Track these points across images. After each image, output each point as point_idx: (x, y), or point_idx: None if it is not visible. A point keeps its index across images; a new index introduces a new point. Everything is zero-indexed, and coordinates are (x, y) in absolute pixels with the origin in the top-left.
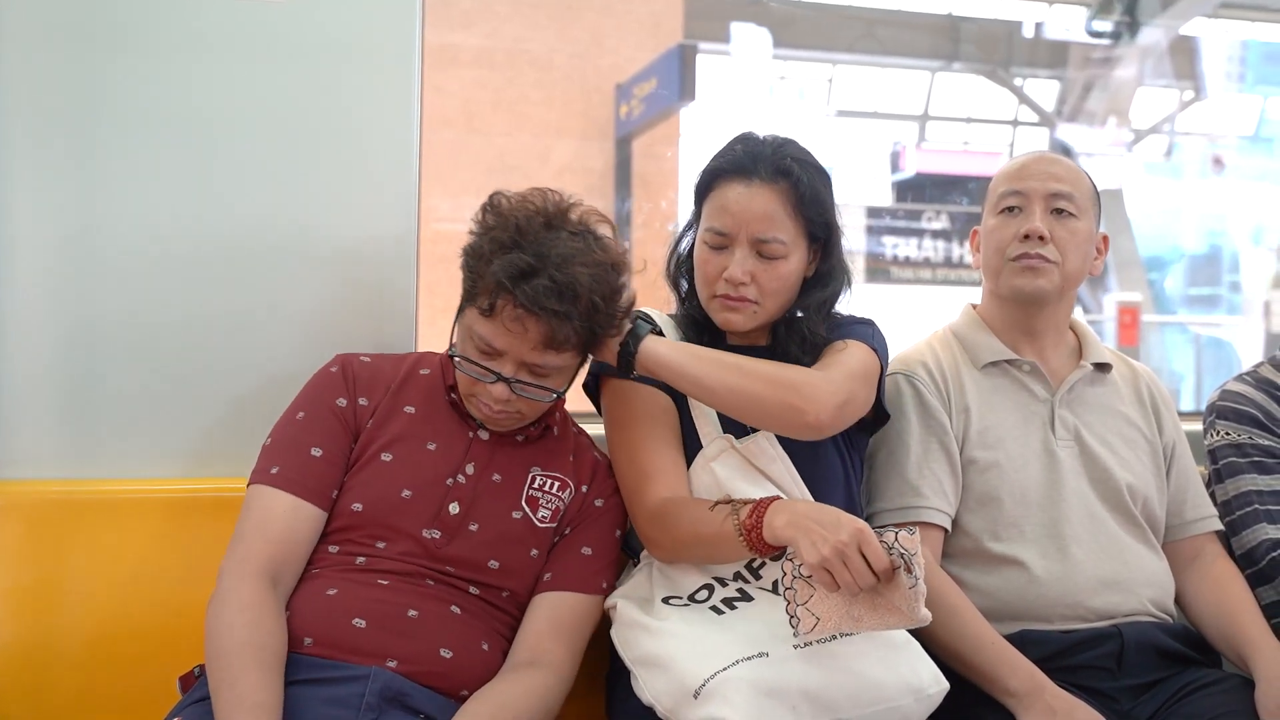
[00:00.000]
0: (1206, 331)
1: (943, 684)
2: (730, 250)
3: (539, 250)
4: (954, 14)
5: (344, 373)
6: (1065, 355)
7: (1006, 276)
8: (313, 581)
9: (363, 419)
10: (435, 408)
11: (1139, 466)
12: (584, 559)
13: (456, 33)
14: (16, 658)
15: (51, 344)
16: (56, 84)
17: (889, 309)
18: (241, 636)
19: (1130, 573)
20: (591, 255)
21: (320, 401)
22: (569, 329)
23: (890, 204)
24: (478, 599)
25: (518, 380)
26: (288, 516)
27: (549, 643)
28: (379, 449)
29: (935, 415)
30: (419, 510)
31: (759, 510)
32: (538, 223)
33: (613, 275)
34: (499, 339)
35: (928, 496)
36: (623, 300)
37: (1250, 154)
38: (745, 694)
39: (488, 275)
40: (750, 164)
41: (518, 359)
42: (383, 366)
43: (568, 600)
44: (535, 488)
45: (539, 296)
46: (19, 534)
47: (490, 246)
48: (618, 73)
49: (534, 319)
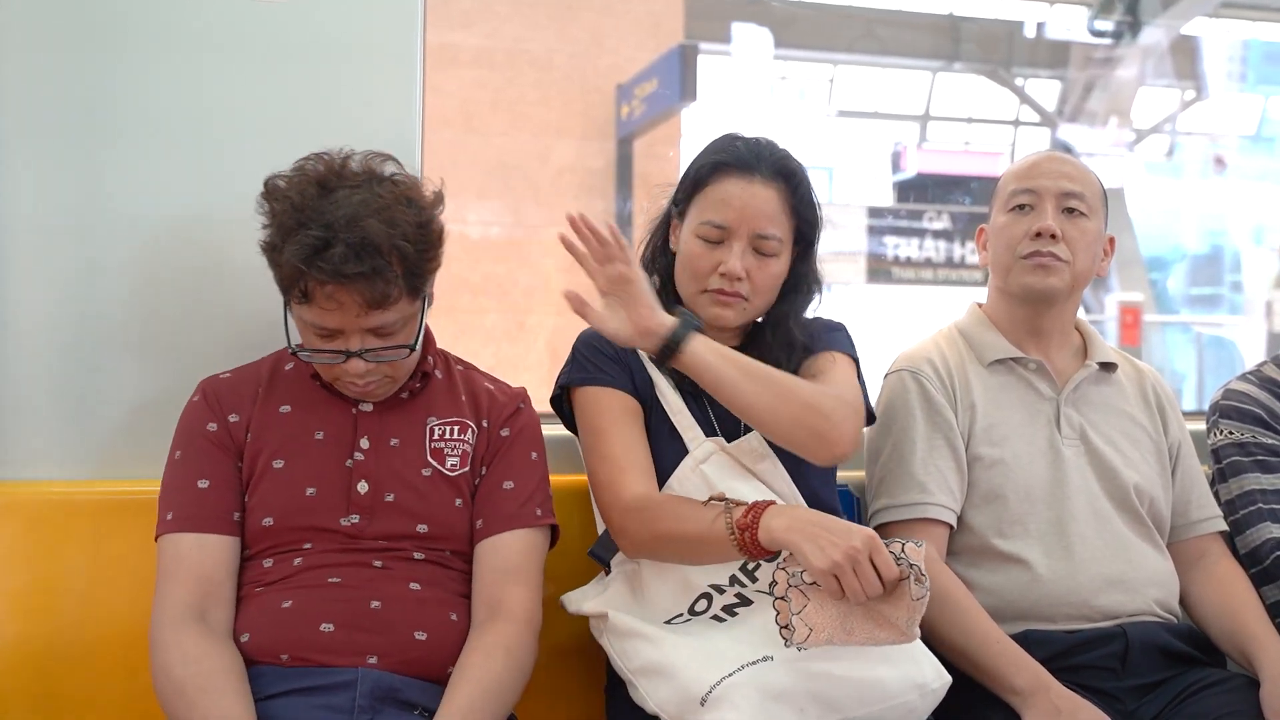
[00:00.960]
0: (1208, 331)
1: (945, 678)
2: (727, 245)
3: (323, 219)
4: (955, 14)
5: (206, 398)
6: (1071, 355)
7: (1017, 274)
8: (263, 598)
9: (239, 435)
10: (310, 397)
11: (1145, 466)
12: (509, 494)
13: (456, 32)
14: (17, 659)
15: (52, 345)
16: (57, 83)
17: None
18: (192, 694)
19: (1135, 572)
20: (379, 201)
21: (192, 433)
22: (386, 283)
23: (891, 204)
24: (427, 564)
25: (367, 350)
26: (195, 554)
27: (502, 590)
28: (268, 458)
29: (941, 412)
30: (329, 502)
31: (755, 511)
32: (313, 192)
33: (410, 211)
34: (327, 319)
35: (934, 493)
36: (433, 228)
37: (1251, 154)
38: (753, 699)
39: (285, 263)
40: (753, 160)
41: (355, 330)
42: (244, 376)
43: (507, 541)
44: (436, 438)
45: (340, 266)
46: (19, 535)
47: (279, 235)
48: (618, 73)
49: (346, 289)
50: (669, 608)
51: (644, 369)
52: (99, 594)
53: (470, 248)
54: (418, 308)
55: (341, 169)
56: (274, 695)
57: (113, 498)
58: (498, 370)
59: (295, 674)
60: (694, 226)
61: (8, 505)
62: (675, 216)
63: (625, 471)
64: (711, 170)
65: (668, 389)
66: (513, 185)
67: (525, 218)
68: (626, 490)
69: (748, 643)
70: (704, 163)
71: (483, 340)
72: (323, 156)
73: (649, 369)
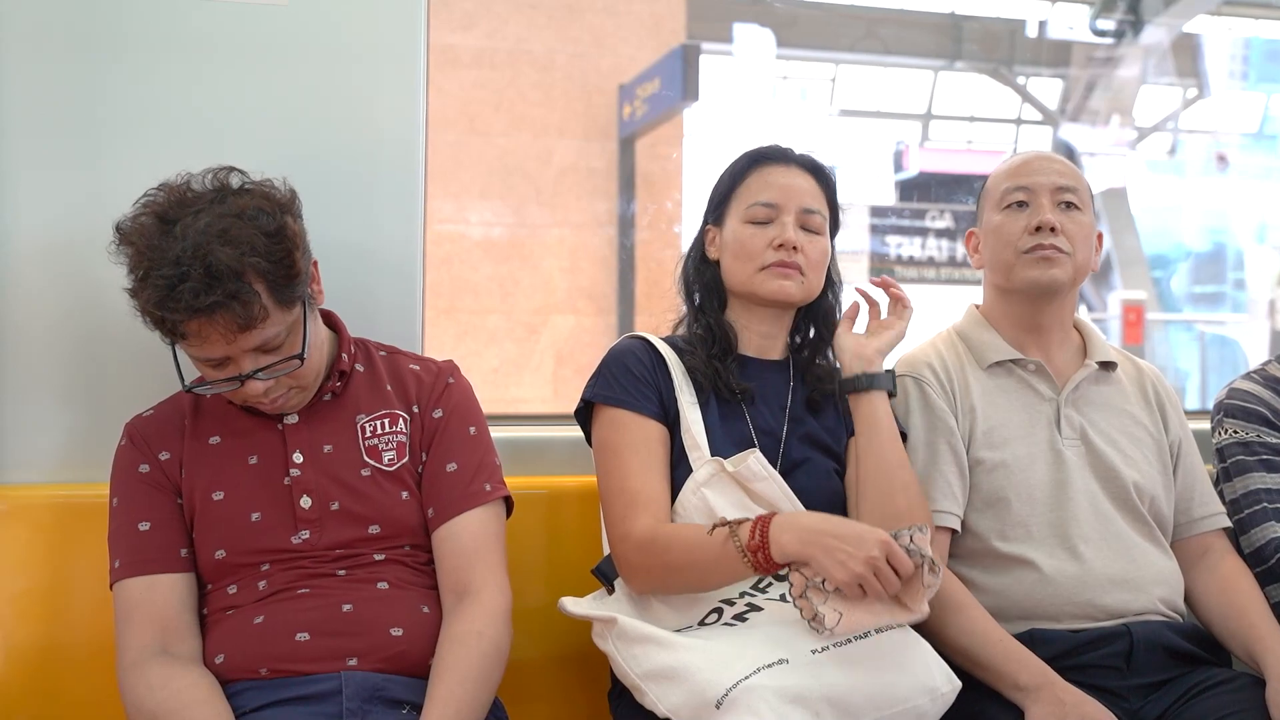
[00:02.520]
0: (1211, 329)
1: (955, 682)
2: (778, 222)
3: (168, 256)
4: (956, 13)
5: (133, 440)
6: (1070, 354)
7: (1020, 269)
8: (234, 619)
9: (173, 472)
10: (235, 422)
11: (1146, 465)
12: (454, 476)
13: (457, 34)
14: (20, 662)
15: (57, 350)
16: (60, 87)
17: None
18: (170, 707)
19: (1139, 570)
20: (221, 223)
21: (126, 479)
22: (248, 304)
23: (894, 203)
24: (390, 564)
25: (259, 370)
26: (147, 596)
27: (468, 574)
28: (205, 491)
29: (941, 416)
30: (276, 524)
31: (761, 528)
32: (154, 230)
33: (257, 223)
34: (207, 350)
35: (936, 499)
36: (287, 234)
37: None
38: (770, 702)
39: (146, 310)
40: (787, 153)
41: (239, 353)
42: (167, 413)
43: (461, 524)
44: (368, 435)
45: (193, 301)
46: (24, 538)
47: (133, 281)
48: (620, 73)
49: (210, 321)
50: (677, 621)
51: (672, 389)
52: (103, 598)
53: (472, 248)
54: (298, 314)
55: (182, 197)
56: (259, 708)
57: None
58: (502, 370)
59: (276, 685)
60: (740, 214)
61: (12, 509)
62: (712, 225)
63: (638, 506)
64: (750, 164)
65: (690, 409)
66: (515, 186)
67: (527, 218)
68: (637, 526)
69: (762, 646)
70: (739, 162)
71: (485, 341)
72: (165, 185)
73: (677, 389)
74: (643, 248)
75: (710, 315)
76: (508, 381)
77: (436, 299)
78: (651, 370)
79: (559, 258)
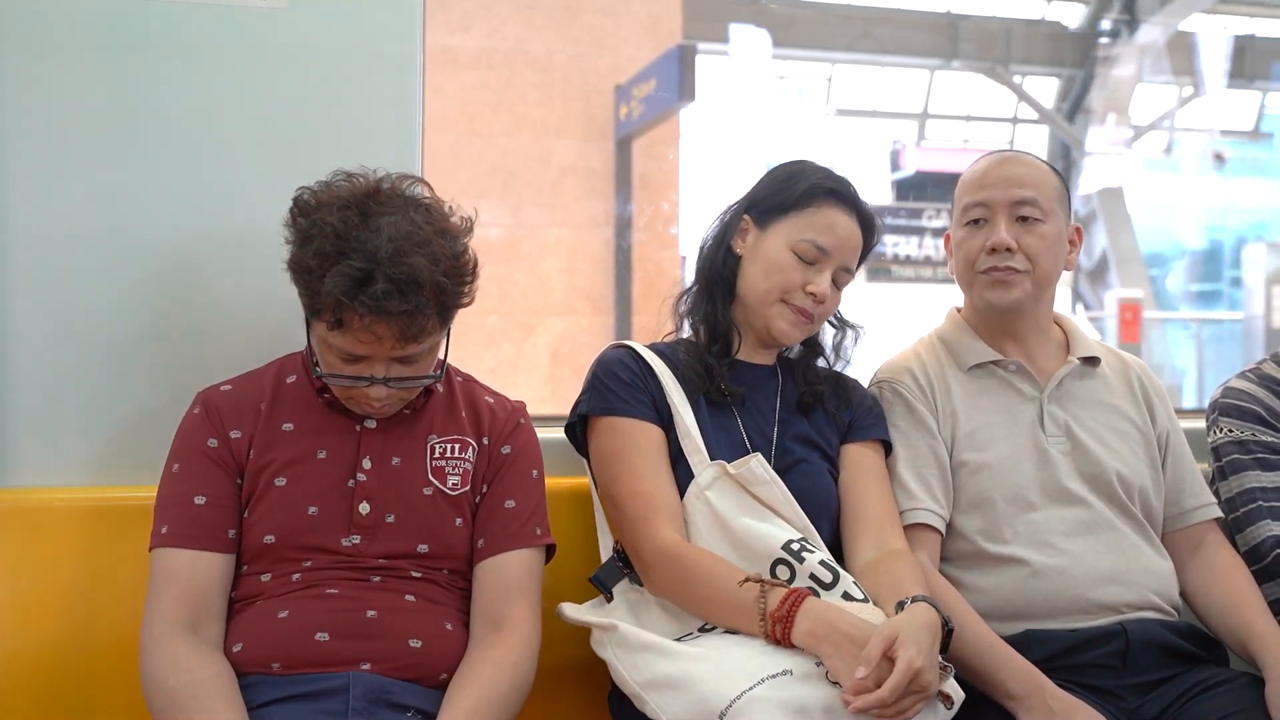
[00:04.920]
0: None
1: (958, 694)
2: (819, 267)
3: (366, 249)
4: (952, 12)
5: (206, 412)
6: (1052, 351)
7: (978, 289)
8: (259, 608)
9: (240, 453)
10: (313, 414)
11: (1132, 458)
12: (510, 514)
13: (455, 35)
14: (16, 666)
15: (55, 351)
16: (62, 91)
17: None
18: (184, 701)
19: (1129, 563)
20: (420, 234)
21: (191, 447)
22: (425, 319)
23: (891, 202)
24: (424, 582)
25: (391, 379)
26: (188, 570)
27: (503, 608)
28: (271, 476)
29: (923, 421)
30: (330, 523)
31: (792, 604)
32: (353, 218)
33: (448, 243)
34: (357, 348)
35: (919, 498)
36: (466, 260)
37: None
38: (774, 714)
39: (324, 292)
40: (855, 199)
41: (384, 358)
42: (246, 391)
43: (509, 560)
44: (437, 457)
45: (383, 301)
46: (20, 542)
47: (316, 261)
48: (617, 73)
49: (384, 322)
50: (676, 628)
51: (663, 393)
52: (99, 601)
53: None
54: (443, 336)
55: (375, 191)
56: (267, 704)
57: (113, 505)
58: (499, 371)
59: (286, 681)
60: (791, 241)
61: (9, 512)
62: (752, 222)
63: (656, 512)
64: (825, 195)
65: (685, 413)
66: (513, 186)
67: (526, 219)
68: (659, 533)
69: (765, 657)
70: (816, 184)
71: (483, 342)
72: (352, 176)
73: (668, 393)
74: (639, 249)
75: (718, 309)
76: (505, 382)
77: None
78: (641, 376)
79: (557, 258)
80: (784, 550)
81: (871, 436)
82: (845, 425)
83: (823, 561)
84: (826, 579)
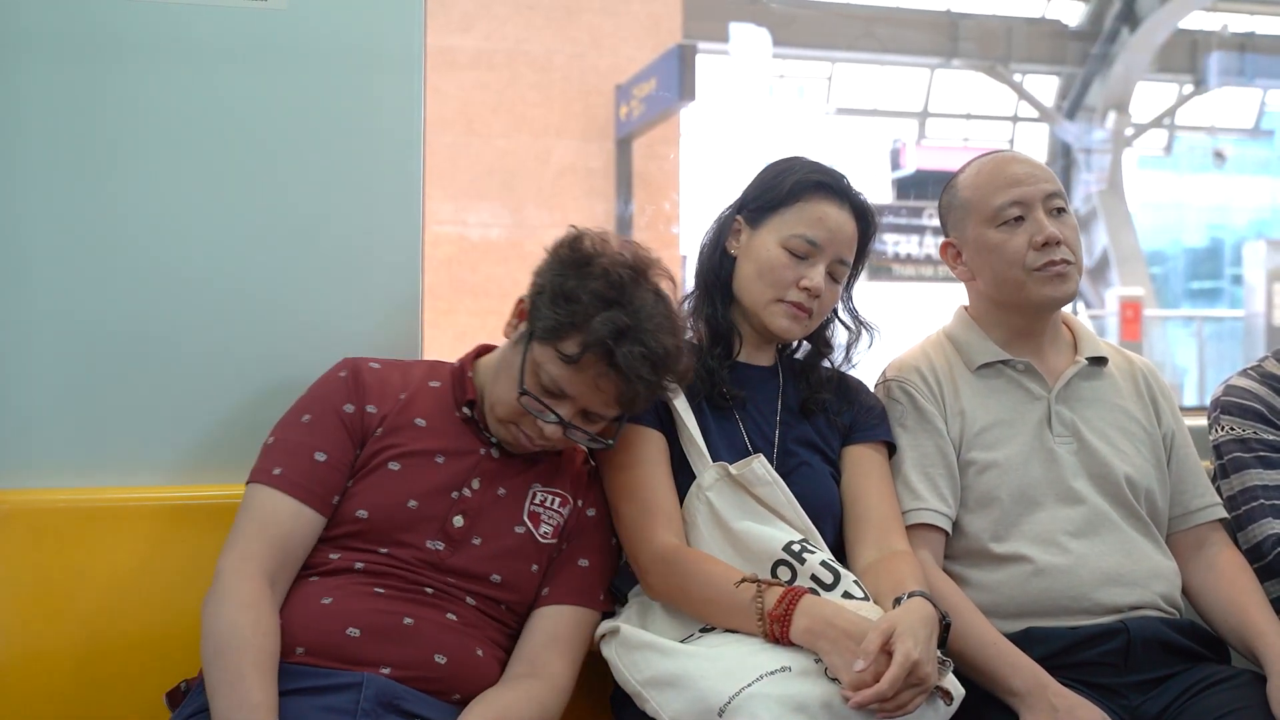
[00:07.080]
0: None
1: (959, 690)
2: (812, 261)
3: (635, 311)
4: (952, 10)
5: (352, 378)
6: (1060, 351)
7: (1034, 287)
8: (307, 588)
9: (370, 426)
10: (446, 421)
11: (1139, 459)
12: (582, 571)
13: (455, 35)
14: (25, 666)
15: (57, 352)
16: (66, 93)
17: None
18: (245, 636)
19: (1135, 565)
20: (672, 322)
21: (327, 405)
22: (646, 394)
23: (891, 201)
24: (474, 609)
25: (574, 427)
26: (290, 520)
27: (547, 655)
28: (387, 458)
29: (930, 420)
30: (424, 521)
31: (789, 603)
32: (629, 278)
33: (683, 341)
34: (573, 387)
35: (926, 498)
36: (683, 355)
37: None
38: (773, 710)
39: (586, 328)
40: (847, 190)
41: (582, 407)
42: (391, 376)
43: (566, 614)
44: (536, 503)
45: (634, 364)
46: (29, 542)
47: (589, 298)
48: (617, 73)
49: (616, 380)
50: (679, 630)
51: (665, 397)
52: (108, 602)
53: (470, 249)
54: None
55: (648, 269)
56: (281, 694)
57: (122, 506)
58: None
59: (303, 672)
60: (782, 237)
61: (17, 513)
62: (744, 222)
63: (655, 519)
64: (813, 188)
65: (687, 416)
66: (513, 186)
67: (526, 219)
68: (657, 539)
69: (764, 654)
70: (803, 179)
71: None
72: (631, 244)
73: (670, 396)
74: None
75: (718, 311)
76: None
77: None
78: None
79: None
80: (785, 551)
81: (874, 438)
82: (846, 427)
83: (824, 562)
84: (828, 579)
